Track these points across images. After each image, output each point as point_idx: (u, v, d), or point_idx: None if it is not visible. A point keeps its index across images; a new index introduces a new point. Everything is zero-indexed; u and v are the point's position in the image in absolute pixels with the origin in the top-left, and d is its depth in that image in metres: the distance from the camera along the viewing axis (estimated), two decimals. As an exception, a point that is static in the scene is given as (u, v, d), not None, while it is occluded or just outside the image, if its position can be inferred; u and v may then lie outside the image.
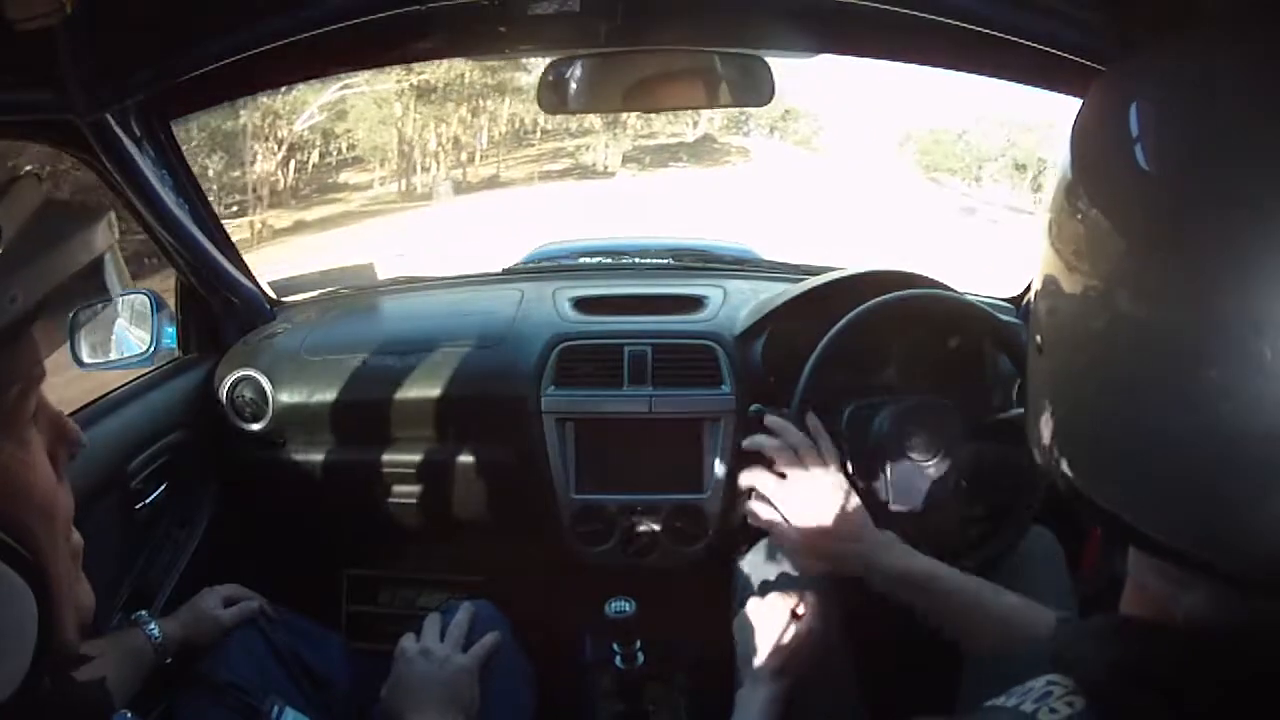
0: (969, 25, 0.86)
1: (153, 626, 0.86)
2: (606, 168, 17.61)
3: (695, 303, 1.32)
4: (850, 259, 1.65)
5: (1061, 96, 0.98)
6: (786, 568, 0.95)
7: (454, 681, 0.84)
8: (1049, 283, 0.37)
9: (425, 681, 0.83)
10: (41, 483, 0.42)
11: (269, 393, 1.22)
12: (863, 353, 1.16)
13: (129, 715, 0.54)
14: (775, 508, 0.84)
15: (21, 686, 0.39)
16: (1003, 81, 1.02)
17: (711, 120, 20.34)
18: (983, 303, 1.26)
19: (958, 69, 1.07)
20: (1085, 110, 0.38)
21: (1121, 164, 0.34)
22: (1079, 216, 0.35)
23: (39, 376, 0.42)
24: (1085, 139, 0.37)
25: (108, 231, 0.44)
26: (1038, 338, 0.37)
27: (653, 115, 18.06)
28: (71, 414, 1.00)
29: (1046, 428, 0.38)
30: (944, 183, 20.41)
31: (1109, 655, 0.36)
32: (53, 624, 0.41)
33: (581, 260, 1.62)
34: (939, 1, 0.86)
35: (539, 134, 18.29)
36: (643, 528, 1.19)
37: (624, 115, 17.53)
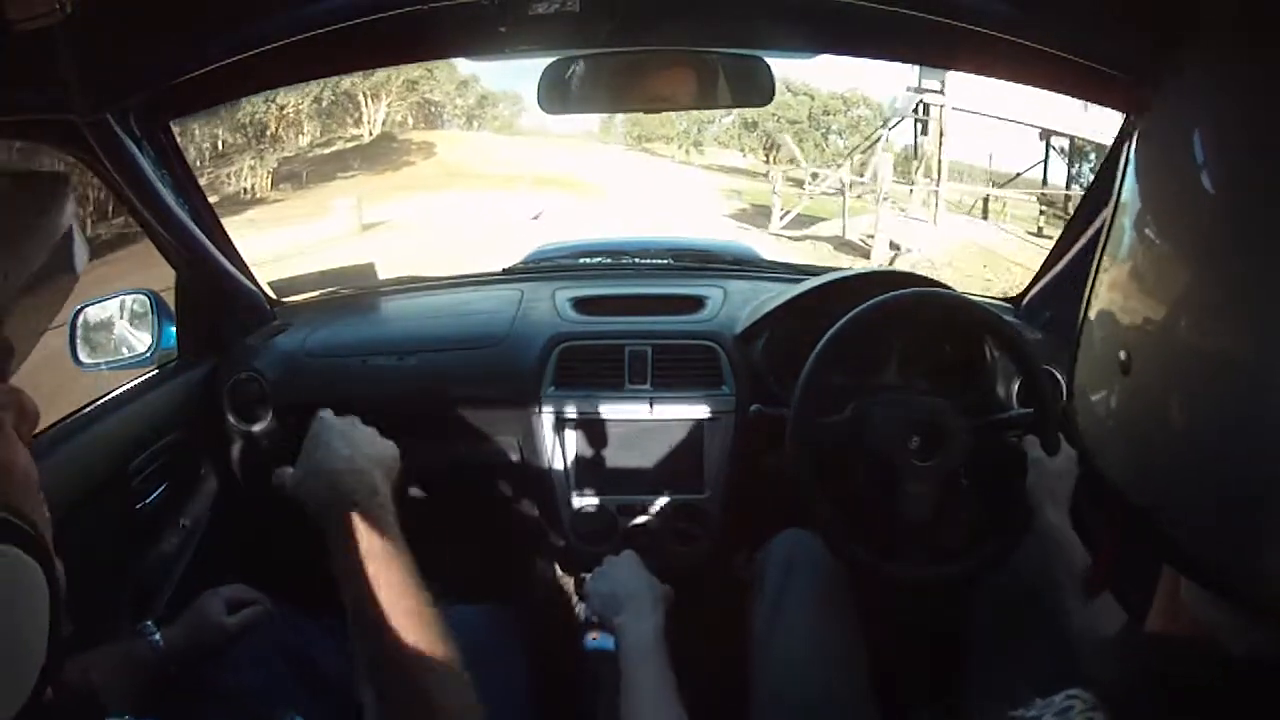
0: (969, 25, 0.86)
1: (156, 636, 0.85)
2: (254, 194, 14.71)
3: (695, 303, 1.32)
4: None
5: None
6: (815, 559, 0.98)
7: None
8: (1126, 308, 0.36)
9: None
10: (22, 460, 0.42)
11: (269, 393, 1.22)
12: (863, 353, 1.16)
13: (128, 717, 0.54)
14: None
15: (42, 672, 0.38)
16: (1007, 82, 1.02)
17: (405, 121, 18.14)
18: (983, 303, 1.26)
19: (958, 69, 1.07)
20: (1145, 134, 0.38)
21: (1188, 189, 0.34)
22: (1147, 242, 0.35)
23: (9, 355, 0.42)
24: (1148, 163, 0.37)
25: (73, 202, 0.44)
26: (1121, 354, 0.36)
27: (324, 119, 16.70)
28: (72, 414, 1.00)
29: (1116, 445, 0.37)
30: (657, 152, 18.40)
31: (1135, 668, 0.36)
32: (59, 601, 0.40)
33: (581, 260, 1.62)
34: (940, 1, 0.86)
35: (209, 160, 15.42)
36: (643, 528, 1.19)
37: (277, 129, 15.80)
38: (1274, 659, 0.33)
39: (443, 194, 13.88)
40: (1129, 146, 0.38)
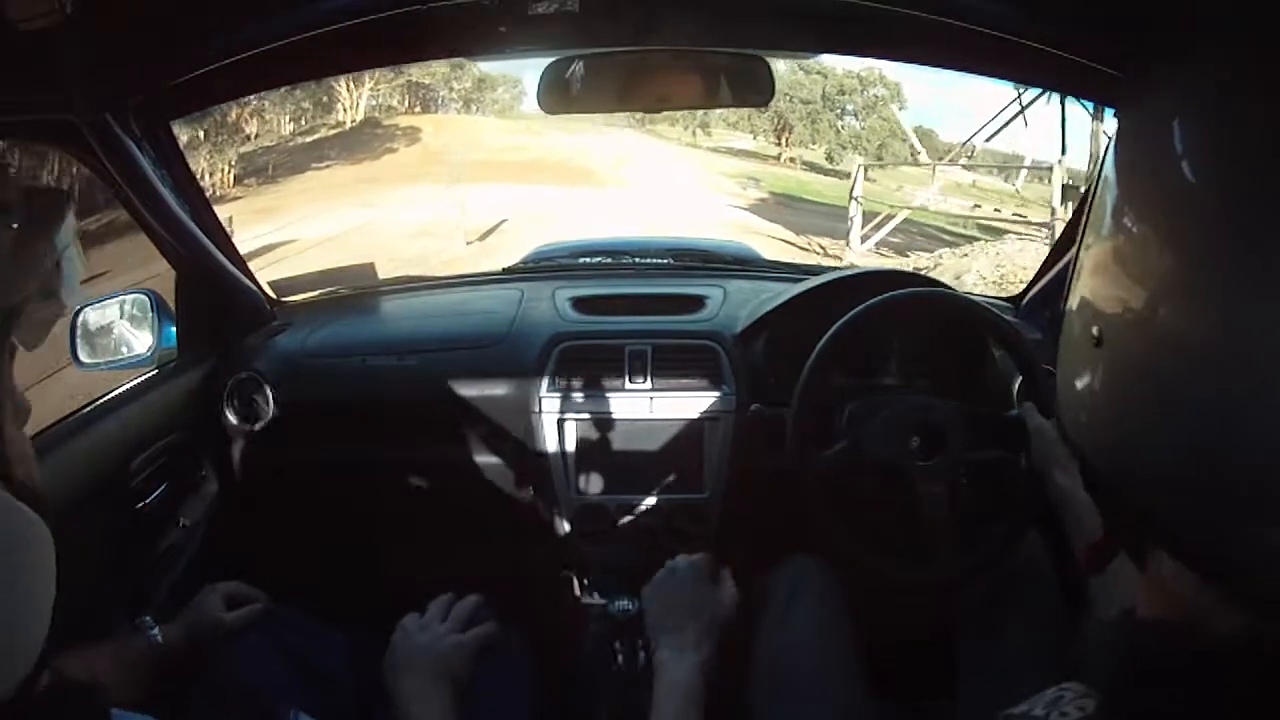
0: (970, 25, 0.86)
1: (155, 631, 0.85)
2: (214, 192, 13.09)
3: (695, 302, 1.32)
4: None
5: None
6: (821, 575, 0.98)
7: (448, 654, 0.86)
8: (1101, 288, 0.37)
9: (420, 651, 0.86)
10: (25, 445, 0.44)
11: (269, 393, 1.22)
12: (863, 353, 1.17)
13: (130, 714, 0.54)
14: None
15: (47, 638, 0.40)
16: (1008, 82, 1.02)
17: (396, 106, 17.35)
18: (984, 302, 1.27)
19: (959, 69, 1.07)
20: (1126, 122, 0.39)
21: (1166, 178, 0.35)
22: (1126, 230, 0.36)
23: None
24: (1129, 152, 0.38)
25: (72, 219, 0.47)
26: (1095, 330, 0.37)
27: (299, 106, 15.89)
28: (72, 414, 1.00)
29: (1092, 425, 0.38)
30: (663, 135, 17.83)
31: (1123, 652, 0.36)
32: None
33: (581, 260, 1.62)
34: (941, 1, 0.86)
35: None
36: (643, 527, 1.19)
37: (239, 119, 14.70)
38: (1258, 640, 0.33)
39: (398, 190, 12.20)
40: (1111, 139, 0.39)
